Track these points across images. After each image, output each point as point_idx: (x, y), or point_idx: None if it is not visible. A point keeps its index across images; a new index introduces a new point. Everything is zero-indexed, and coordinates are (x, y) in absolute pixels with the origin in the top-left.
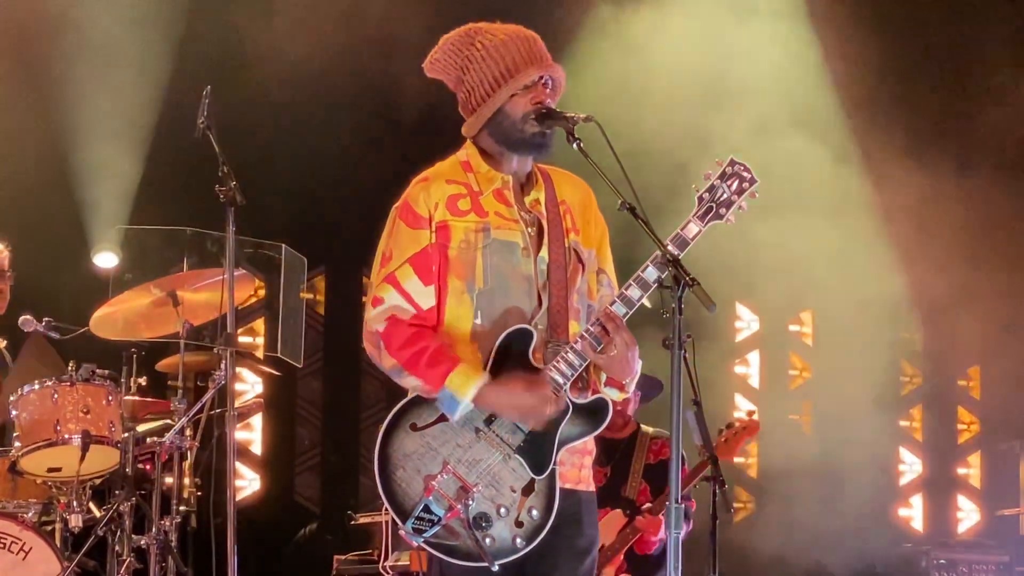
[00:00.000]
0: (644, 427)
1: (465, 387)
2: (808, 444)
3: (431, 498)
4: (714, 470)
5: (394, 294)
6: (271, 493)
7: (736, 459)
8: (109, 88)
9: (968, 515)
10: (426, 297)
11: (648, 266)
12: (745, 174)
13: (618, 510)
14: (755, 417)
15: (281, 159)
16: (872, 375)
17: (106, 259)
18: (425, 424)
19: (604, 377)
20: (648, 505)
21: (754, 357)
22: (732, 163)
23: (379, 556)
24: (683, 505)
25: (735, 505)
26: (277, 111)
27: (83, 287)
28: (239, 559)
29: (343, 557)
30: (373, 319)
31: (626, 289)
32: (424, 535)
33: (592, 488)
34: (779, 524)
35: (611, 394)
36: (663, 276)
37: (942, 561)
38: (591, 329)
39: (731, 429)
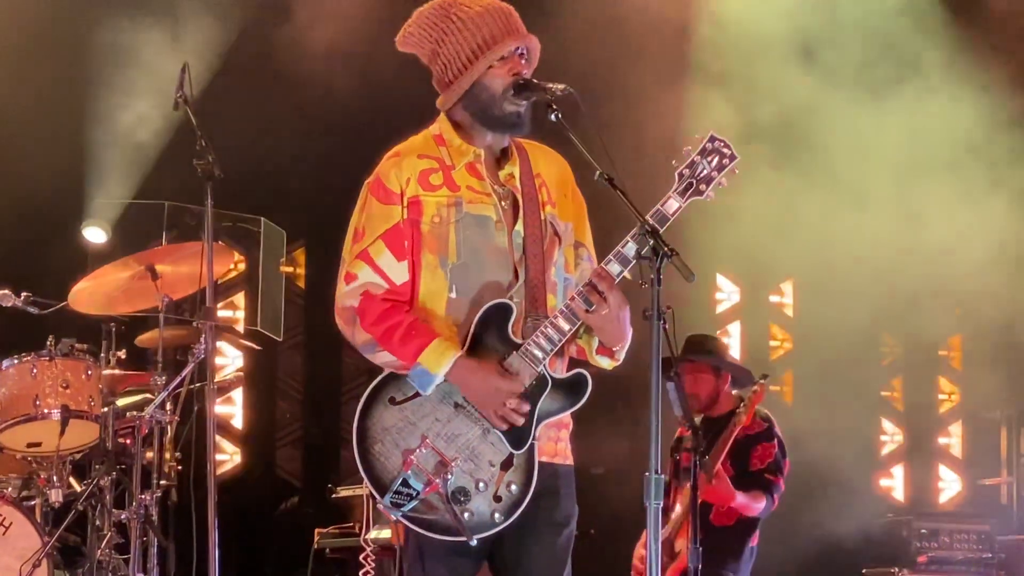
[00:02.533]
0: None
1: (439, 363)
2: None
3: (410, 472)
4: (695, 440)
5: (367, 270)
6: (252, 467)
7: None
8: (89, 64)
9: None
10: (399, 272)
11: (628, 241)
12: (725, 150)
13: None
14: (761, 382)
15: (260, 133)
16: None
17: (95, 234)
18: (404, 398)
19: (595, 345)
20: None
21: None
22: (712, 139)
23: (360, 529)
24: (770, 480)
25: None
26: (256, 86)
27: (65, 262)
28: (220, 533)
29: (324, 530)
30: (346, 295)
31: (606, 264)
32: (402, 509)
33: (570, 461)
34: None
35: (602, 362)
36: (643, 251)
37: (923, 531)
38: (582, 290)
39: (744, 401)
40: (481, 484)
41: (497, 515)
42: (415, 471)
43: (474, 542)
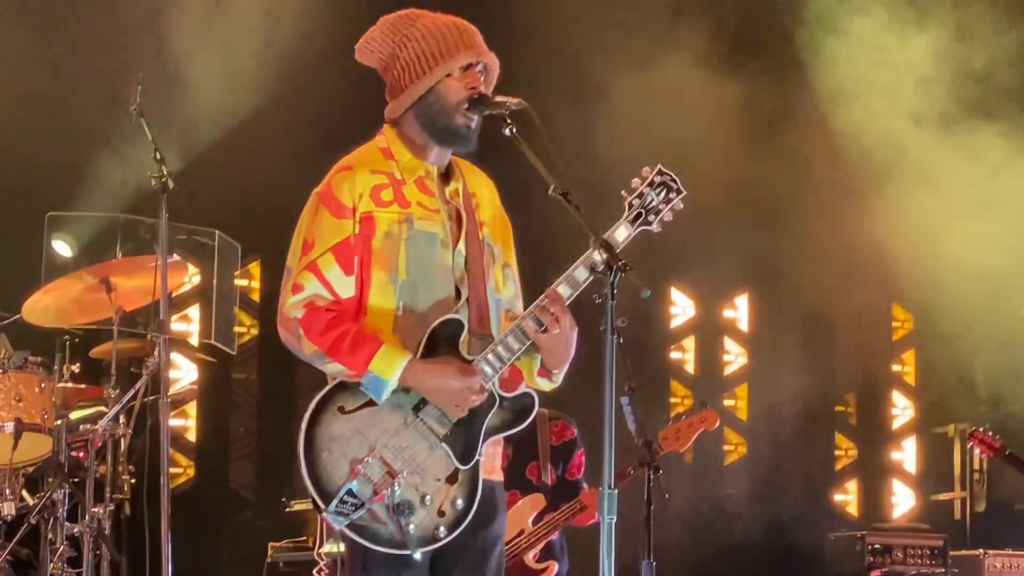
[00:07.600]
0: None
1: (390, 368)
2: None
3: (356, 482)
4: (648, 456)
5: (315, 282)
6: (206, 480)
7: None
8: (41, 73)
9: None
10: (347, 287)
11: (579, 266)
12: (672, 184)
13: (539, 494)
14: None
15: (216, 146)
16: None
17: (61, 247)
18: (353, 408)
19: (536, 366)
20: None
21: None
22: (660, 172)
23: (314, 543)
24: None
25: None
26: (212, 99)
27: (20, 274)
28: (173, 547)
29: (278, 544)
30: (291, 306)
31: (557, 286)
32: (347, 519)
33: (501, 477)
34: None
35: (541, 384)
36: (591, 278)
37: (877, 546)
38: (534, 311)
39: (684, 420)
40: (427, 498)
41: (441, 529)
42: (362, 481)
43: (418, 555)
